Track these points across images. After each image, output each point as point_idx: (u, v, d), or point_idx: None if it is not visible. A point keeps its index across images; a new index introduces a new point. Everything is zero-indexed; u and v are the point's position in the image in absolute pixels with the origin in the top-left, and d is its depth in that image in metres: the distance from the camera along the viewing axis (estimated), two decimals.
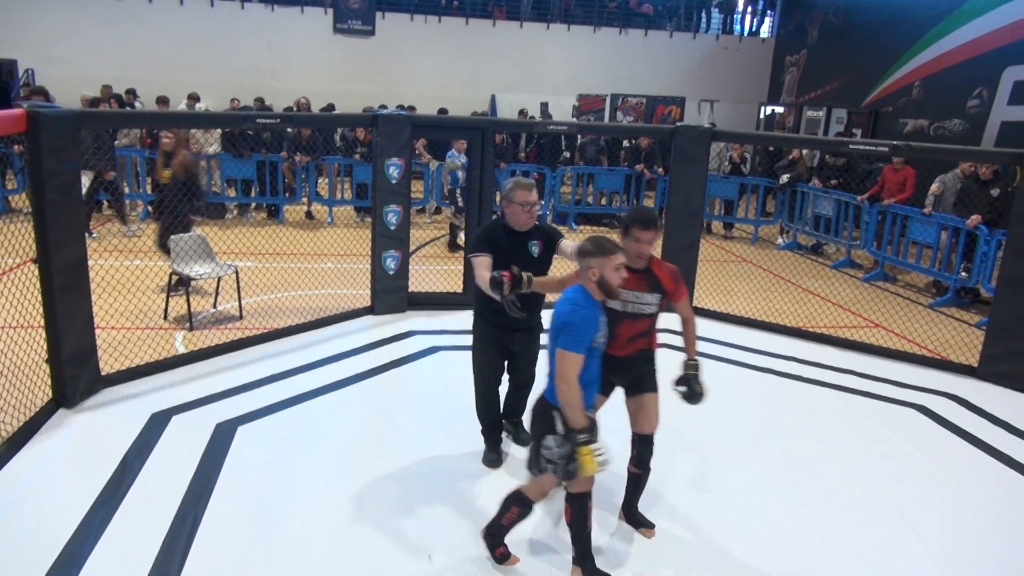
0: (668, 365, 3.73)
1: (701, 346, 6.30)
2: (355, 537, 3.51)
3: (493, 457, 4.25)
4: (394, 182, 6.56)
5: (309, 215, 11.39)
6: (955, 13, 13.25)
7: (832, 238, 10.36)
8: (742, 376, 5.82)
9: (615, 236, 3.30)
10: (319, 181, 11.85)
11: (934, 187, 8.95)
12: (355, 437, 4.52)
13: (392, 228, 6.65)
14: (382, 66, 18.04)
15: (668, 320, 4.11)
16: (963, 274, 8.21)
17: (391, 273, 6.73)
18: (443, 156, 11.45)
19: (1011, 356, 5.74)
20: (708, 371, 5.89)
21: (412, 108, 13.18)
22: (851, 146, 6.85)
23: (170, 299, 6.46)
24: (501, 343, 4.07)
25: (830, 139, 13.22)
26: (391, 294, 6.78)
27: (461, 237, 9.78)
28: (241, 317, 6.51)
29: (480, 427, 4.32)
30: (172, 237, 6.35)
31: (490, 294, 3.54)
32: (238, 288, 6.57)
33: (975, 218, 7.94)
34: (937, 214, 8.62)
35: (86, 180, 9.34)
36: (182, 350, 5.66)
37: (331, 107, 15.02)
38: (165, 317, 6.35)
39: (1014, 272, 5.72)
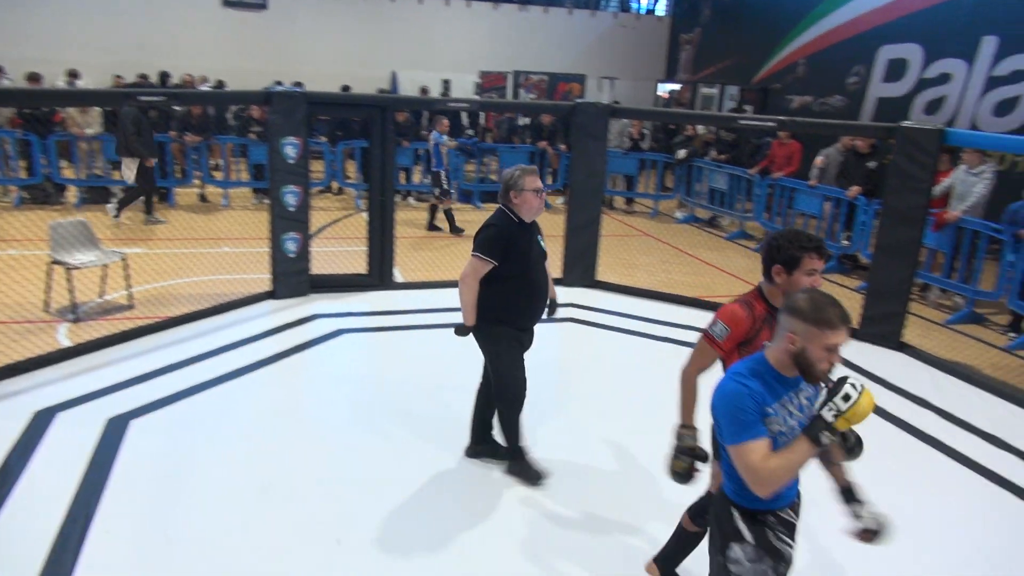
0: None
1: (604, 319, 6.52)
2: (260, 527, 3.43)
3: (536, 471, 3.90)
4: (291, 162, 6.36)
5: (203, 198, 10.90)
6: None
7: (727, 211, 10.79)
8: (644, 346, 6.01)
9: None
10: (212, 162, 11.35)
11: (818, 160, 9.45)
12: (257, 426, 4.40)
13: (291, 210, 6.46)
14: (276, 42, 17.38)
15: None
16: (845, 242, 8.72)
17: (292, 256, 6.55)
18: (346, 136, 11.22)
19: (886, 317, 6.17)
20: (611, 343, 6.07)
21: (299, 84, 12.77)
22: (741, 122, 7.12)
23: (51, 289, 6.07)
24: (521, 344, 3.81)
25: (722, 115, 13.71)
26: (292, 277, 6.60)
27: (440, 217, 9.81)
28: (131, 307, 6.19)
29: (512, 441, 3.90)
30: (50, 223, 5.95)
31: (463, 315, 3.61)
32: (127, 276, 6.23)
33: (854, 189, 8.44)
34: (821, 186, 9.10)
35: (132, 167, 8.99)
36: (66, 343, 5.33)
37: (220, 84, 14.37)
38: (46, 309, 5.96)
39: (888, 240, 6.12)
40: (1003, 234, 6.72)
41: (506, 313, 3.69)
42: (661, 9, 20.67)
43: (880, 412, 4.97)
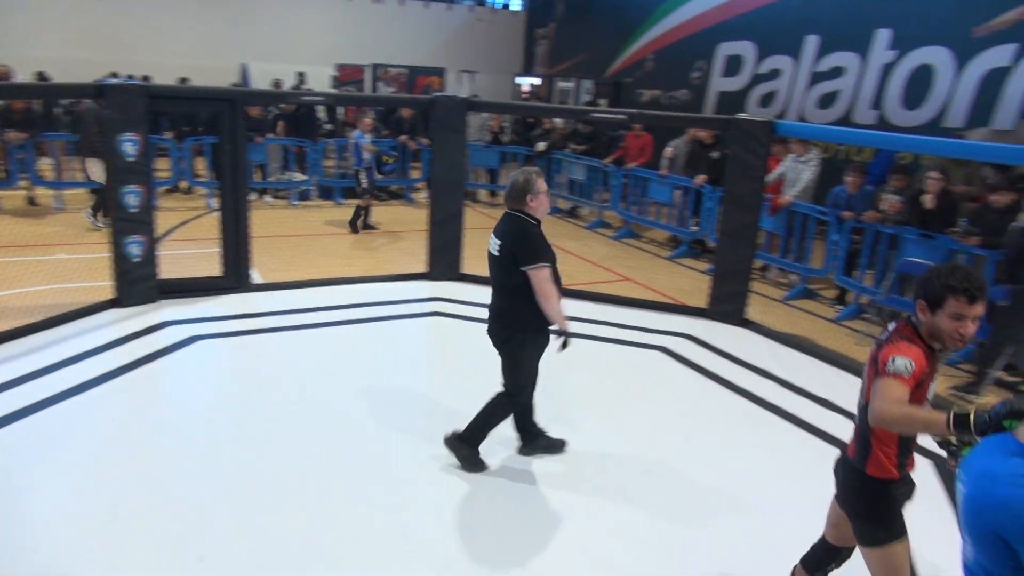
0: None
1: (470, 311, 6.58)
2: (110, 553, 3.21)
3: (481, 462, 4.02)
4: (131, 159, 5.96)
5: (31, 201, 9.96)
6: None
7: (585, 201, 11.17)
8: None
9: (384, 208, 3.23)
10: (40, 162, 10.39)
11: (668, 151, 9.99)
12: (103, 444, 4.11)
13: (133, 210, 6.05)
14: (112, 31, 16.13)
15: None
16: (694, 228, 9.27)
17: (136, 260, 6.14)
18: (194, 132, 10.64)
19: (731, 297, 6.63)
20: (480, 335, 6.13)
21: (147, 78, 11.98)
22: (595, 115, 7.39)
23: None
24: (544, 346, 3.90)
25: (576, 108, 14.14)
26: (139, 283, 6.19)
27: (370, 218, 9.57)
28: None
29: (479, 430, 4.01)
30: None
31: (556, 323, 3.64)
32: None
33: (700, 178, 8.98)
34: (671, 175, 9.62)
35: (99, 167, 8.09)
36: None
37: (42, 76, 13.15)
38: None
39: (730, 224, 6.57)
40: (828, 216, 7.39)
41: (540, 320, 3.75)
42: (516, 4, 21.00)
43: (725, 383, 5.35)
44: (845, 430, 4.73)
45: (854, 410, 2.74)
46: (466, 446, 4.02)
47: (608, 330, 6.31)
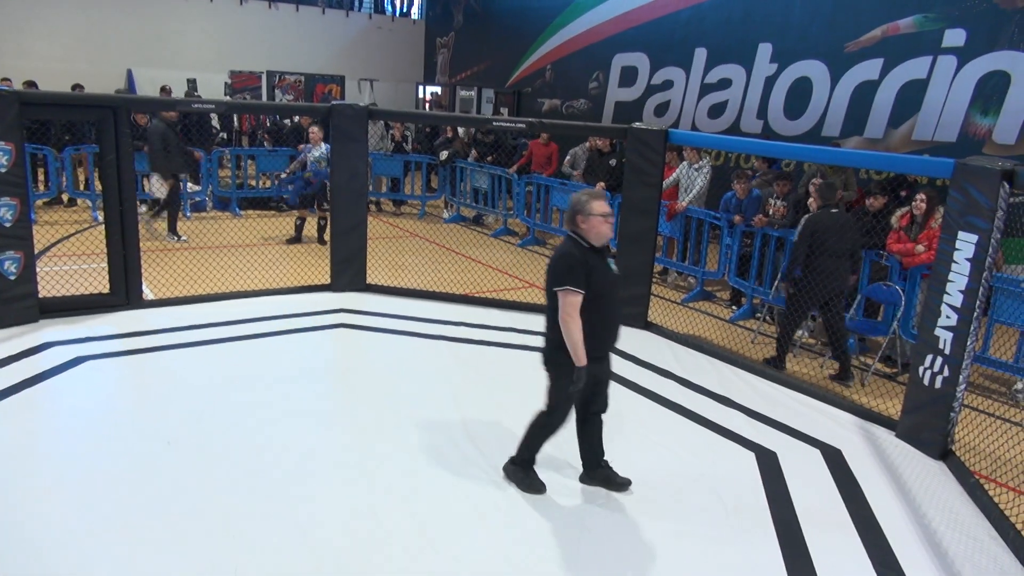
0: None
1: (376, 321, 6.50)
2: None
3: (538, 482, 3.93)
4: (3, 170, 5.57)
5: None
6: (572, 5, 15.07)
7: (490, 209, 11.25)
8: (417, 345, 6.09)
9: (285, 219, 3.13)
10: None
11: (568, 159, 10.22)
12: None
13: (7, 225, 5.65)
14: None
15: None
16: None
17: (12, 278, 5.73)
18: (75, 140, 10.07)
19: (634, 300, 6.81)
20: (386, 345, 6.07)
21: (29, 83, 11.23)
22: (495, 123, 7.46)
23: None
24: (593, 376, 3.65)
25: (477, 116, 14.24)
26: (15, 303, 5.79)
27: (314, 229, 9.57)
28: None
29: (527, 451, 3.92)
30: None
31: (573, 357, 3.47)
32: None
33: (599, 185, 9.20)
34: (571, 183, 9.82)
35: (162, 182, 8.93)
36: None
37: None
38: None
39: (629, 230, 6.78)
40: (721, 221, 7.74)
41: (586, 343, 3.53)
42: (416, 13, 20.93)
43: (630, 384, 5.51)
44: (739, 422, 4.98)
45: (750, 406, 2.88)
46: (519, 469, 3.95)
47: (515, 336, 6.37)
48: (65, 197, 10.54)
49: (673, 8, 13.04)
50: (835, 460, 4.58)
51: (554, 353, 3.66)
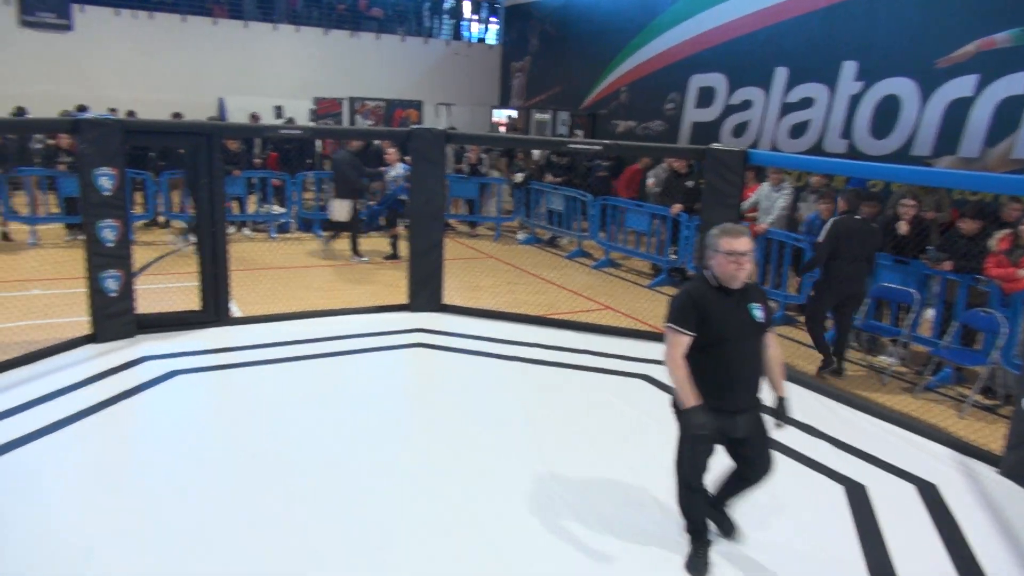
0: None
1: (452, 341, 6.57)
2: None
3: (701, 563, 3.44)
4: (107, 194, 5.91)
5: (4, 236, 9.83)
6: (649, 27, 15.05)
7: (565, 231, 11.25)
8: (492, 366, 6.11)
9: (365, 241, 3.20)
10: (14, 196, 10.27)
11: (649, 181, 10.16)
12: (80, 483, 4.01)
13: (109, 245, 5.99)
14: (84, 65, 16.09)
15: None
16: (672, 256, 9.37)
17: (113, 295, 6.06)
18: (170, 166, 10.60)
19: None
20: (462, 365, 6.12)
21: (113, 111, 11.93)
22: (570, 145, 7.48)
23: None
24: (717, 430, 3.25)
25: (552, 139, 14.31)
26: (115, 319, 6.11)
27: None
28: None
29: (685, 524, 3.54)
30: None
31: (683, 407, 3.13)
32: None
33: (676, 207, 9.09)
34: (647, 204, 9.74)
35: (345, 207, 9.53)
36: None
37: (22, 111, 13.10)
38: None
39: None
40: (803, 243, 7.51)
41: (706, 394, 3.19)
42: (492, 38, 21.30)
43: None
44: (830, 456, 4.77)
45: (837, 436, 2.75)
46: (689, 540, 3.55)
47: (591, 359, 6.32)
48: (161, 219, 11.11)
49: (751, 28, 12.85)
50: (931, 496, 4.33)
51: (674, 396, 3.35)
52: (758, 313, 3.23)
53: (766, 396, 3.38)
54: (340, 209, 9.64)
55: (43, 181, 10.07)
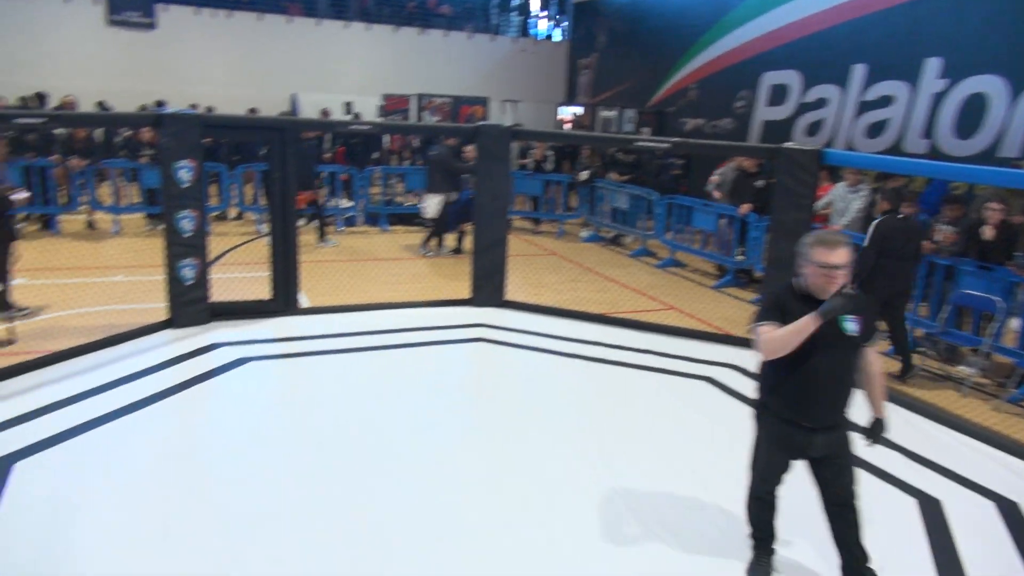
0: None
1: (514, 337, 6.58)
2: (158, 571, 3.25)
3: (763, 572, 3.39)
4: (186, 186, 6.14)
5: (91, 225, 10.33)
6: (720, 23, 14.72)
7: (629, 229, 11.13)
8: (554, 363, 6.10)
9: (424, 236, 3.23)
10: (100, 187, 10.78)
11: (714, 178, 9.95)
12: (156, 462, 4.18)
13: (187, 235, 6.22)
14: (166, 62, 16.72)
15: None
16: (739, 257, 9.16)
17: (189, 283, 6.29)
18: (244, 159, 10.92)
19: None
20: (523, 361, 6.12)
21: (194, 106, 12.36)
22: (637, 143, 7.39)
23: None
24: (793, 445, 3.14)
25: (618, 136, 14.16)
26: (191, 306, 6.34)
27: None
28: (13, 341, 5.78)
29: (750, 531, 3.48)
30: None
31: (788, 342, 2.90)
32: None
33: (745, 207, 8.88)
34: (715, 204, 9.54)
35: (435, 202, 9.75)
36: None
37: (103, 106, 13.70)
38: None
39: (778, 253, 6.47)
40: None
41: (772, 399, 3.14)
42: (559, 35, 21.23)
43: None
44: (903, 468, 4.58)
45: (911, 447, 2.64)
46: (751, 547, 3.49)
47: (653, 359, 6.23)
48: (234, 210, 11.47)
49: (829, 23, 12.43)
50: (1013, 515, 4.11)
51: (755, 401, 3.27)
52: (851, 326, 2.99)
53: (860, 414, 3.26)
54: (432, 204, 9.80)
55: (127, 173, 10.53)
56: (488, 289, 7.42)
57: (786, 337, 2.93)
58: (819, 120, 12.61)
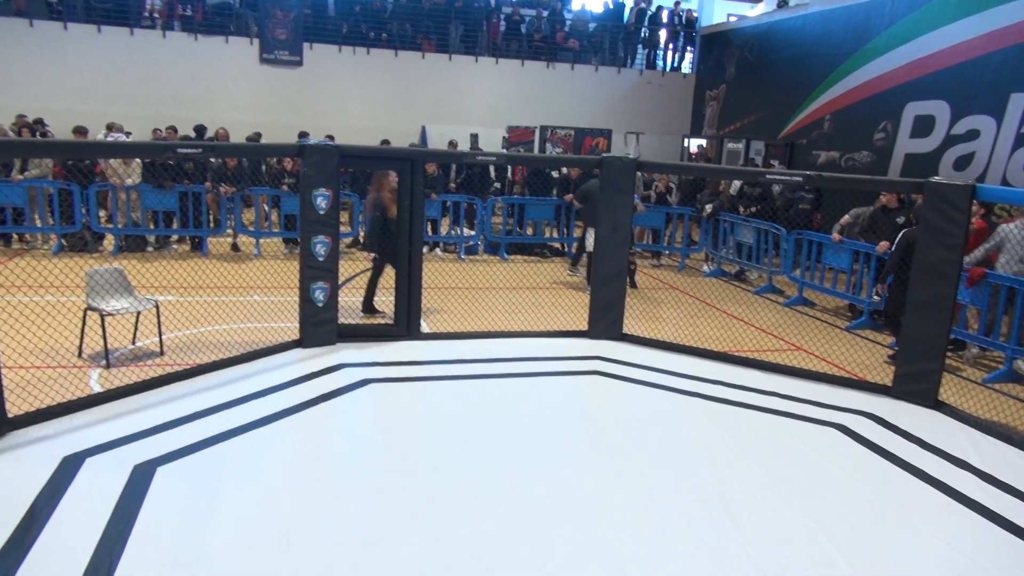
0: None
1: (631, 372, 6.45)
2: None
3: None
4: (322, 213, 6.48)
5: (235, 247, 11.11)
6: (860, 52, 14.07)
7: (754, 265, 10.73)
8: (671, 400, 5.92)
9: (549, 266, 3.25)
10: (245, 212, 11.60)
11: (845, 218, 9.43)
12: (283, 475, 4.38)
13: (321, 259, 6.55)
14: (309, 97, 17.88)
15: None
16: (875, 297, 8.60)
17: (320, 305, 6.61)
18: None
19: (921, 375, 6.03)
20: (640, 397, 5.99)
21: (331, 137, 13.07)
22: (767, 176, 7.14)
23: (85, 335, 6.17)
24: None
25: (747, 169, 13.74)
26: (320, 327, 6.66)
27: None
28: (162, 353, 6.27)
29: None
30: (87, 270, 6.09)
31: None
32: (158, 323, 6.33)
33: (883, 244, 8.35)
34: (849, 240, 9.04)
35: (591, 234, 9.70)
36: (97, 389, 5.39)
37: (258, 136, 14.78)
38: (79, 355, 6.06)
39: (920, 295, 6.03)
40: None
41: None
42: (686, 67, 20.99)
43: (916, 471, 4.83)
44: (974, 490, 4.10)
45: None
46: None
47: (778, 402, 5.93)
48: (362, 237, 12.00)
49: (982, 51, 11.59)
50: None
51: None
52: None
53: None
54: (590, 239, 9.48)
55: (269, 199, 11.28)
56: (605, 321, 7.35)
57: None
58: (970, 153, 11.72)
